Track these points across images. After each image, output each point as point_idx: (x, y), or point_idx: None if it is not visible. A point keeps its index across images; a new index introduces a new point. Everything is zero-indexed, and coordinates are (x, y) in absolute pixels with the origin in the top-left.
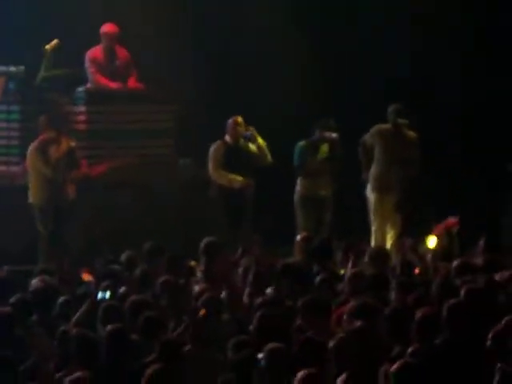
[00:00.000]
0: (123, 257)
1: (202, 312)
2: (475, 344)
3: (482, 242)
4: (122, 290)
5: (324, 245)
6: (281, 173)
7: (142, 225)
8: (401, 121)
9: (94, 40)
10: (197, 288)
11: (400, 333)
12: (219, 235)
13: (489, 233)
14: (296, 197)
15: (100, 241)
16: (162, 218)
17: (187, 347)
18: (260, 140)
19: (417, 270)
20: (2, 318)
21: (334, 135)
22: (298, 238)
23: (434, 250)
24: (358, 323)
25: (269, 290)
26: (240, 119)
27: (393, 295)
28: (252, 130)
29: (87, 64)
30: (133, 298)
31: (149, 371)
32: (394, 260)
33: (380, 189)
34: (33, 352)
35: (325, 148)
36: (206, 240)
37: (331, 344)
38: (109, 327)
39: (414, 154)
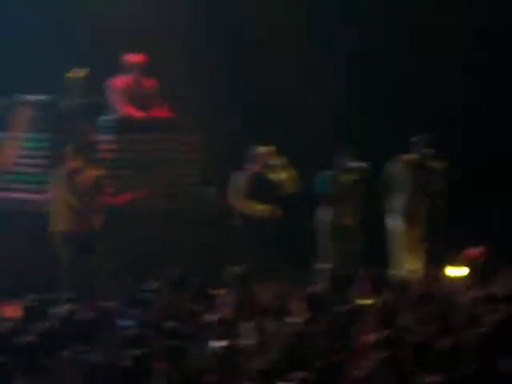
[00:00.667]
0: (150, 286)
1: (224, 343)
2: (497, 374)
3: (506, 273)
4: (149, 317)
5: (346, 274)
6: (303, 201)
7: (165, 254)
8: (426, 151)
9: (118, 69)
10: (216, 317)
11: (423, 363)
12: (244, 264)
13: None
14: (319, 225)
15: (124, 270)
16: (186, 248)
17: (210, 376)
18: (289, 170)
19: (440, 300)
20: (26, 346)
21: (359, 164)
22: (321, 266)
23: (459, 280)
24: (384, 353)
25: (289, 319)
26: (272, 149)
27: (415, 325)
28: (282, 160)
29: (111, 93)
30: (158, 325)
31: None
32: (418, 290)
33: (406, 219)
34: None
35: (349, 176)
36: (234, 269)
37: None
38: (132, 353)
39: (440, 184)
